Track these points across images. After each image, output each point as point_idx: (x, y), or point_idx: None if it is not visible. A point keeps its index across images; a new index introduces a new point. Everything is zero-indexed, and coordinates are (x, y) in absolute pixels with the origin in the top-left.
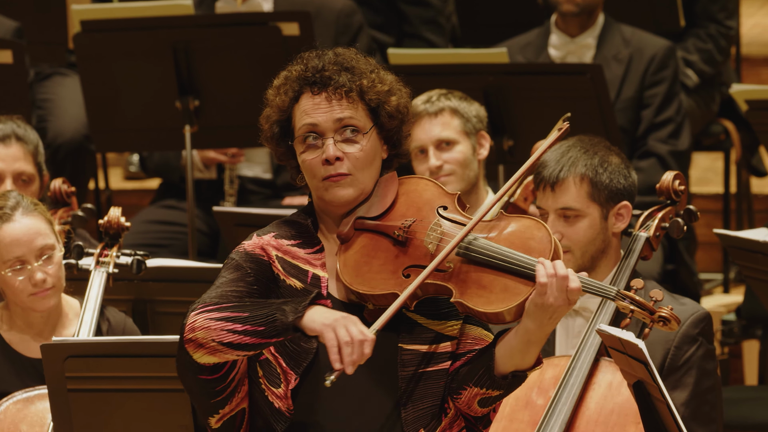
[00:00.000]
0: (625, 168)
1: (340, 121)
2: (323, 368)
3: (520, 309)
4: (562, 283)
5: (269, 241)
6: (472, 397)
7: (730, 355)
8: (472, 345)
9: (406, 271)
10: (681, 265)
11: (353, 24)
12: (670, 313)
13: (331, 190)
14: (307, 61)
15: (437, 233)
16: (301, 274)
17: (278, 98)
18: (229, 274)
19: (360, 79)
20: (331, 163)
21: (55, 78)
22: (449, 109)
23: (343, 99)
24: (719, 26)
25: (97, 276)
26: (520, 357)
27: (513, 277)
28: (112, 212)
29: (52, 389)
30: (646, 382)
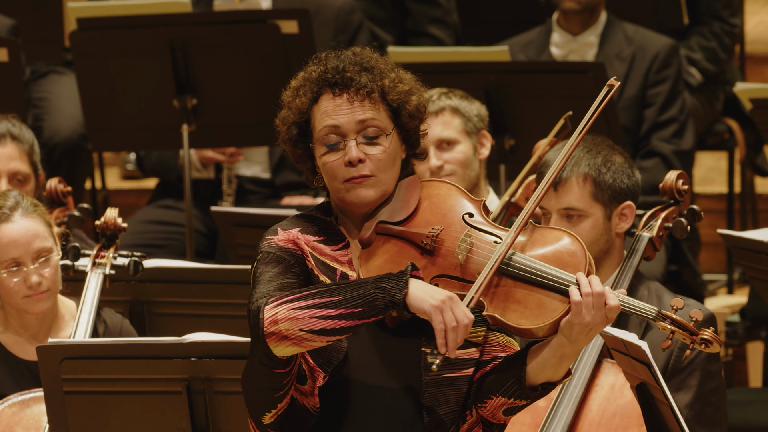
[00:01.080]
0: (628, 167)
1: (363, 123)
2: (352, 367)
3: (554, 326)
4: (599, 301)
5: (297, 236)
6: (498, 407)
7: (734, 357)
8: (497, 352)
9: (434, 280)
10: (684, 265)
11: (353, 22)
12: (712, 336)
13: (353, 191)
14: (326, 62)
15: (467, 243)
16: (330, 271)
17: (297, 100)
18: (273, 268)
19: (381, 79)
20: (354, 165)
21: (51, 76)
22: (450, 109)
23: (365, 100)
24: (723, 24)
25: (94, 277)
26: (552, 370)
27: (548, 293)
28: (109, 213)
29: (47, 391)
30: (649, 384)
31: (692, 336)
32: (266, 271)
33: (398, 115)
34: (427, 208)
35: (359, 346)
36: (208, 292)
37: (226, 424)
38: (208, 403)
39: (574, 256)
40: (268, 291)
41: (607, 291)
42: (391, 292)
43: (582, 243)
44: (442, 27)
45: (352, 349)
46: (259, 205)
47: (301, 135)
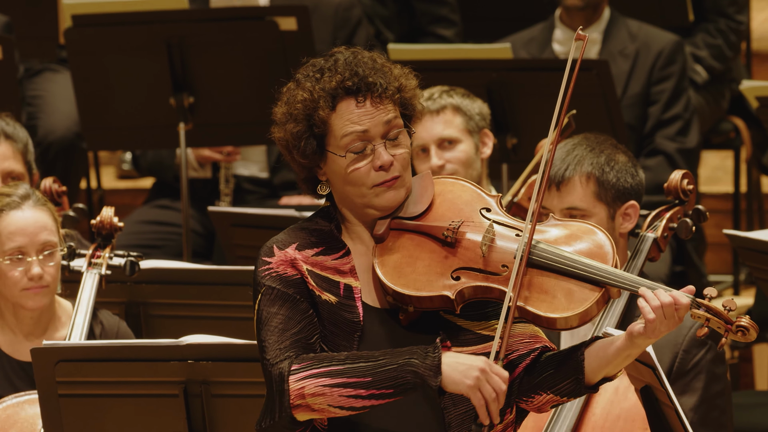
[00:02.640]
0: (632, 167)
1: (388, 124)
2: None
3: (585, 314)
4: (670, 311)
5: (294, 255)
6: (546, 402)
7: (740, 359)
8: (532, 344)
9: (455, 273)
10: (689, 266)
11: (352, 18)
12: (749, 323)
13: (384, 195)
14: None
15: (491, 235)
16: (333, 286)
17: (320, 111)
18: (280, 309)
19: (396, 79)
20: (386, 168)
21: (45, 74)
22: (451, 107)
23: (387, 102)
24: (729, 21)
25: (89, 278)
26: (613, 367)
27: (577, 282)
28: (105, 212)
29: (42, 394)
30: (654, 387)
31: (727, 324)
32: (273, 314)
33: (407, 110)
34: (441, 204)
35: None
36: (206, 293)
37: (224, 428)
38: (205, 406)
39: (601, 246)
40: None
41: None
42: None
43: (605, 232)
44: (448, 25)
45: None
46: (257, 204)
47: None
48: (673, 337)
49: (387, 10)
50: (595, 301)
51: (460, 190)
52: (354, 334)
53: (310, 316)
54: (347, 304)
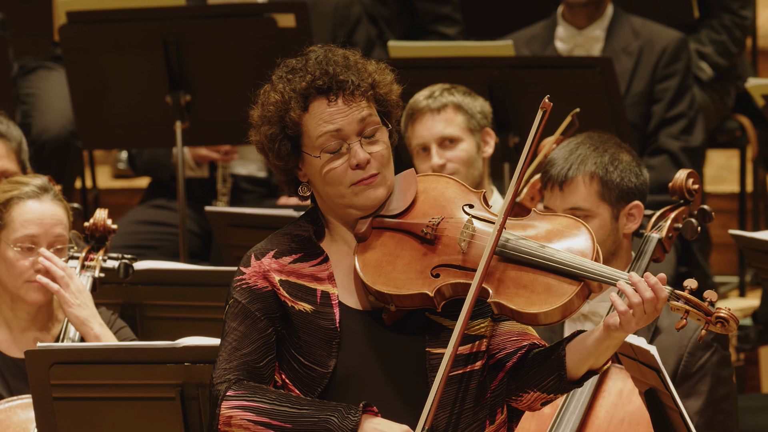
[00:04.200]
0: (636, 166)
1: (363, 121)
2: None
3: (565, 309)
4: (651, 306)
5: (270, 265)
6: (535, 400)
7: (746, 362)
8: (520, 341)
9: (435, 270)
10: (695, 267)
11: (351, 15)
12: (728, 314)
13: (363, 194)
14: (309, 69)
15: (470, 230)
16: (309, 294)
17: (291, 113)
18: (239, 326)
19: (369, 75)
20: (363, 166)
21: (39, 72)
22: (453, 105)
23: (360, 99)
24: (734, 16)
25: (83, 281)
26: (595, 359)
27: (555, 276)
28: (98, 214)
29: (36, 397)
30: (659, 390)
31: (707, 316)
32: (232, 329)
33: (385, 107)
34: (424, 201)
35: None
36: (202, 294)
37: None
38: (202, 409)
39: (581, 240)
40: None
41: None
42: None
43: (588, 228)
44: (451, 24)
45: (344, 358)
46: (255, 204)
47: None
48: (678, 339)
49: (388, 10)
50: (574, 295)
51: (443, 186)
52: (332, 342)
53: (267, 336)
54: (324, 311)
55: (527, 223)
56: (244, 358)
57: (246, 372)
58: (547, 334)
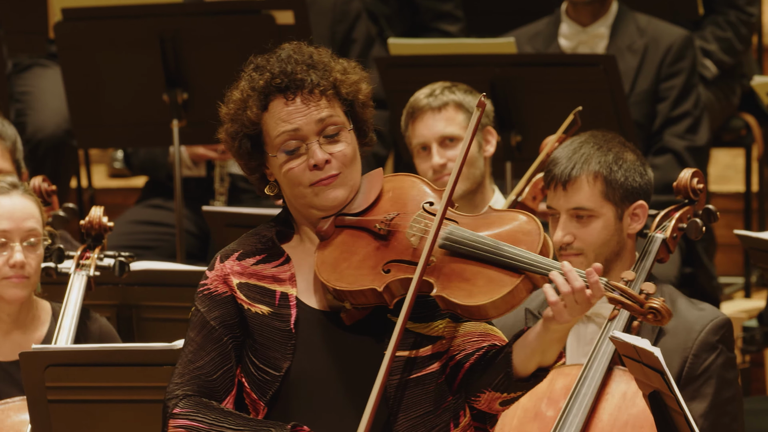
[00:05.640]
0: (640, 165)
1: (322, 122)
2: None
3: (506, 302)
4: (582, 296)
5: (232, 267)
6: (492, 400)
7: (751, 364)
8: (480, 342)
9: (386, 266)
10: (699, 268)
11: (351, 11)
12: (661, 305)
13: (322, 194)
14: (269, 67)
15: (421, 226)
16: (268, 296)
17: (248, 111)
18: (196, 336)
19: (330, 74)
20: (321, 167)
21: (34, 69)
22: (453, 104)
23: (320, 98)
24: (739, 13)
25: (77, 279)
26: (541, 356)
27: (498, 269)
28: (94, 212)
29: (31, 400)
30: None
31: (640, 307)
32: (190, 340)
33: (352, 107)
34: (388, 200)
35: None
36: None
37: None
38: None
39: (528, 234)
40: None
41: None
42: None
43: (538, 222)
44: (452, 21)
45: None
46: (253, 204)
47: (255, 147)
48: (683, 341)
49: (388, 8)
50: (514, 288)
51: (409, 185)
52: (288, 344)
53: (222, 346)
54: (281, 313)
55: (477, 218)
56: (198, 371)
57: (197, 386)
58: None
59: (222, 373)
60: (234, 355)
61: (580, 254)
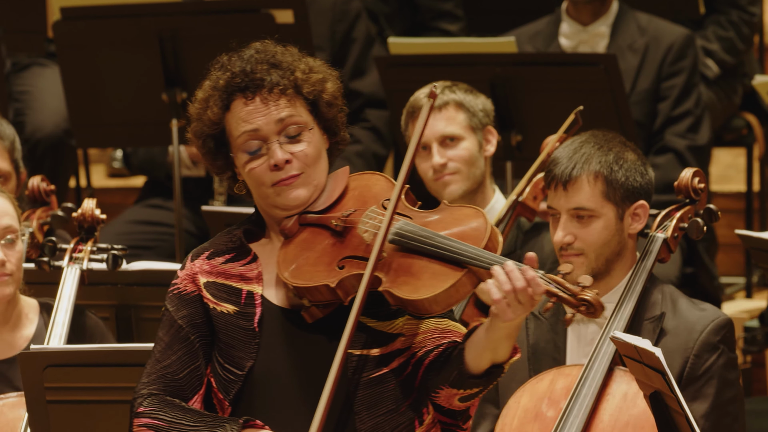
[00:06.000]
0: (641, 165)
1: (282, 122)
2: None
3: (449, 296)
4: (524, 295)
5: (201, 266)
6: (450, 396)
7: (753, 364)
8: (440, 339)
9: (341, 262)
10: (701, 268)
11: (351, 10)
12: (593, 297)
13: (284, 194)
14: (230, 66)
15: (374, 222)
16: (234, 295)
17: (209, 111)
18: (165, 335)
19: (292, 73)
20: (281, 167)
21: (33, 69)
22: (454, 103)
23: (280, 98)
24: (741, 13)
25: (71, 273)
26: (492, 353)
27: (442, 264)
28: (86, 204)
29: (30, 400)
30: (664, 393)
31: (574, 299)
32: (159, 339)
33: (316, 106)
34: (350, 197)
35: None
36: None
37: None
38: None
39: (475, 229)
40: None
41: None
42: None
43: (486, 217)
44: (452, 21)
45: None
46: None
47: (219, 146)
48: (684, 341)
49: (388, 7)
50: (456, 282)
51: (373, 183)
52: (251, 343)
53: (189, 345)
54: (246, 312)
55: (431, 213)
56: (164, 370)
57: (163, 385)
58: (551, 336)
59: (188, 372)
60: (202, 354)
61: (581, 254)
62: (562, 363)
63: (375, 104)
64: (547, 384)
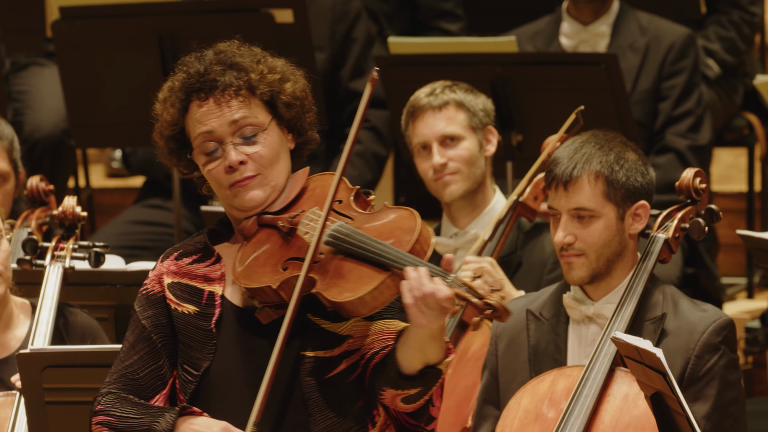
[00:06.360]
0: (642, 165)
1: (236, 123)
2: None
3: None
4: (431, 301)
5: (168, 267)
6: (393, 397)
7: (754, 365)
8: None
9: (285, 263)
10: (702, 268)
11: (351, 10)
12: (497, 302)
13: (240, 195)
14: (187, 67)
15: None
16: (196, 295)
17: (165, 113)
18: (130, 335)
19: (247, 74)
20: (235, 168)
21: (32, 68)
22: (454, 103)
23: (234, 99)
24: (742, 13)
25: (53, 271)
26: (421, 354)
27: (369, 266)
28: (67, 202)
29: (28, 401)
30: (665, 394)
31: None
32: (125, 338)
33: (274, 107)
34: (308, 198)
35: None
36: None
37: None
38: None
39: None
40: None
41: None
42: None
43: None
44: (453, 20)
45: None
46: None
47: (181, 147)
48: (685, 342)
49: (388, 6)
50: (380, 284)
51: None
52: (209, 343)
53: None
54: (206, 312)
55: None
56: (125, 370)
57: (123, 384)
58: (551, 336)
59: (149, 372)
60: (165, 354)
61: (582, 255)
62: (562, 364)
63: (375, 104)
64: (548, 385)
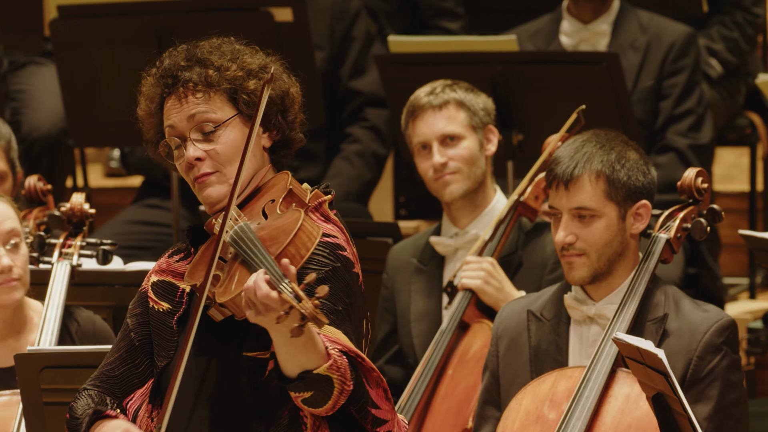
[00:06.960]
0: (644, 164)
1: (193, 118)
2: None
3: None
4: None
5: (160, 265)
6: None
7: (756, 366)
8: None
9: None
10: (704, 268)
11: (350, 9)
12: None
13: (201, 191)
14: (160, 62)
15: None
16: (172, 293)
17: (138, 110)
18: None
19: (207, 69)
20: (193, 165)
21: (30, 67)
22: (454, 102)
23: (195, 94)
24: (745, 13)
25: (61, 269)
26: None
27: (246, 270)
28: (75, 198)
29: (26, 402)
30: (667, 395)
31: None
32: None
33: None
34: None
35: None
36: None
37: None
38: None
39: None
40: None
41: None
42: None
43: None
44: (453, 19)
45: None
46: None
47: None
48: (687, 342)
49: (388, 5)
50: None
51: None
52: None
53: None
54: (177, 309)
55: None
56: (104, 368)
57: (99, 381)
58: (553, 337)
59: (125, 371)
60: (143, 353)
61: (583, 255)
62: (564, 365)
63: (375, 103)
64: (549, 386)
